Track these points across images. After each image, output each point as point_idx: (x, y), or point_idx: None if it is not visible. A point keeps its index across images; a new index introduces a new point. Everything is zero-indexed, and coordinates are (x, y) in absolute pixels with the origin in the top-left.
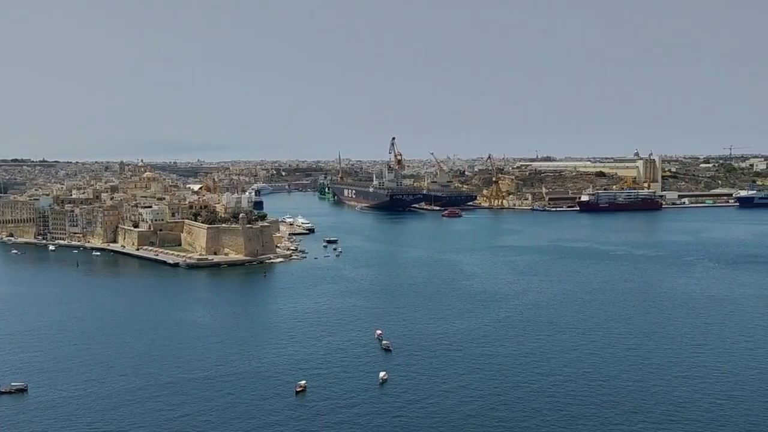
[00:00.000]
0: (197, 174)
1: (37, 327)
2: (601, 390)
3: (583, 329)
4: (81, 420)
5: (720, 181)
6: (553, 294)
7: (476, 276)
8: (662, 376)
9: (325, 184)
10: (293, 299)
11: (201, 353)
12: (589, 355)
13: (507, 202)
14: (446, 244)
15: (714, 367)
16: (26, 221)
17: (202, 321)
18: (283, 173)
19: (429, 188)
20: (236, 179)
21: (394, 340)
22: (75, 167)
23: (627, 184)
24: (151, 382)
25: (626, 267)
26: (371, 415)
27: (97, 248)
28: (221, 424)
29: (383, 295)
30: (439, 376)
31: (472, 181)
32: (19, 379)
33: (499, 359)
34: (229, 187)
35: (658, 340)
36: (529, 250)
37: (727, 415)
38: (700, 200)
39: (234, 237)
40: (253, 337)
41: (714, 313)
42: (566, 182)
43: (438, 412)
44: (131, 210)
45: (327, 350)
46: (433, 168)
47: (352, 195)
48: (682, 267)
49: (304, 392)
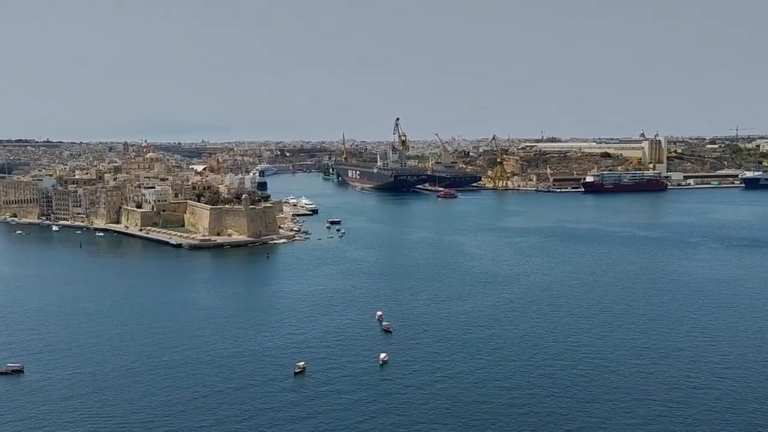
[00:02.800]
0: (201, 155)
1: (36, 308)
2: (603, 373)
3: (586, 311)
4: (76, 401)
5: (726, 162)
6: (555, 276)
7: (479, 257)
8: (665, 359)
9: (329, 165)
10: (295, 280)
11: (201, 334)
12: (591, 337)
13: (511, 183)
14: (449, 225)
15: (718, 349)
16: (30, 202)
17: (204, 302)
18: (288, 154)
19: (433, 169)
20: (240, 160)
21: (395, 321)
22: (79, 148)
23: (632, 165)
24: (150, 362)
25: (630, 248)
26: (371, 397)
27: (101, 229)
28: (219, 405)
29: (385, 277)
30: (440, 358)
31: (477, 162)
32: (16, 360)
33: (500, 341)
34: (233, 167)
35: (661, 323)
36: (533, 231)
37: (732, 396)
38: (706, 181)
39: (237, 218)
40: (254, 318)
41: (718, 294)
42: (571, 163)
43: (438, 393)
44: (134, 191)
45: (327, 331)
46: (438, 149)
47: (356, 176)
48: (687, 248)
49: (302, 373)
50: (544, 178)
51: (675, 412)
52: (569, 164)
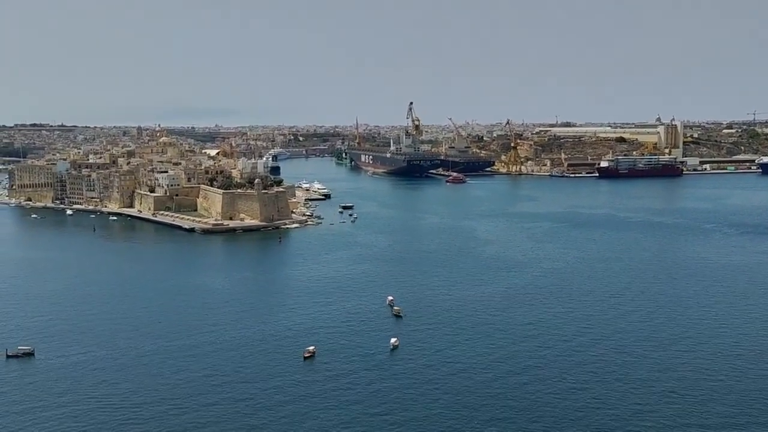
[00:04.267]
0: (215, 139)
1: (49, 292)
2: (612, 360)
3: (598, 298)
4: (86, 384)
5: (743, 147)
6: (568, 262)
7: (491, 243)
8: (677, 346)
9: (342, 150)
10: (307, 265)
11: (212, 318)
12: (601, 324)
13: (525, 168)
14: (462, 210)
15: (732, 337)
16: (44, 186)
17: (215, 286)
18: (301, 138)
19: (446, 154)
20: (253, 144)
21: (406, 306)
22: (93, 132)
23: (648, 150)
24: (160, 346)
25: (644, 234)
26: (381, 382)
27: (114, 213)
28: (229, 389)
29: (396, 262)
30: (451, 343)
31: (491, 146)
32: (27, 343)
33: (511, 327)
34: (246, 152)
35: (674, 309)
36: (546, 216)
37: (744, 385)
38: (722, 166)
39: (249, 202)
40: (265, 303)
41: (733, 281)
42: (586, 148)
43: (449, 378)
44: (147, 175)
45: (337, 316)
46: (451, 133)
47: (369, 160)
48: (702, 235)
49: (312, 358)
50: (558, 163)
51: (684, 398)
52: (584, 149)
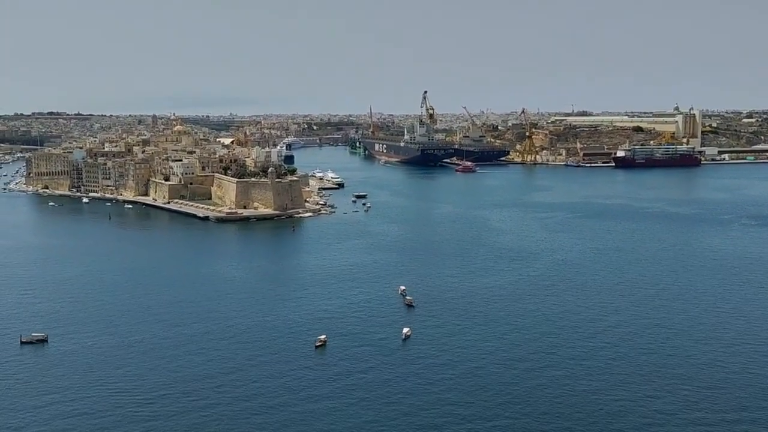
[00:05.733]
0: (229, 128)
1: (64, 279)
2: (632, 354)
3: (614, 290)
4: (99, 370)
5: (763, 137)
6: (582, 252)
7: (504, 233)
8: (691, 338)
9: (356, 139)
10: (320, 254)
11: (224, 306)
12: (618, 317)
13: (540, 158)
14: (476, 200)
15: (746, 330)
16: (61, 174)
17: (229, 274)
18: (315, 127)
19: (461, 143)
20: (267, 133)
21: (418, 296)
22: (109, 120)
23: (665, 140)
24: (174, 334)
25: (660, 225)
26: (393, 372)
27: (129, 201)
28: (239, 377)
29: (409, 251)
30: (463, 334)
31: (506, 135)
32: (41, 329)
33: (524, 317)
34: (260, 140)
35: (690, 302)
36: (561, 206)
37: (757, 380)
38: (741, 156)
39: (263, 191)
40: (277, 291)
41: (750, 273)
42: (602, 137)
43: (461, 370)
44: (162, 163)
45: (349, 305)
46: (466, 122)
47: (383, 149)
48: (719, 226)
49: (324, 347)
50: (573, 152)
51: (695, 390)
52: (600, 138)
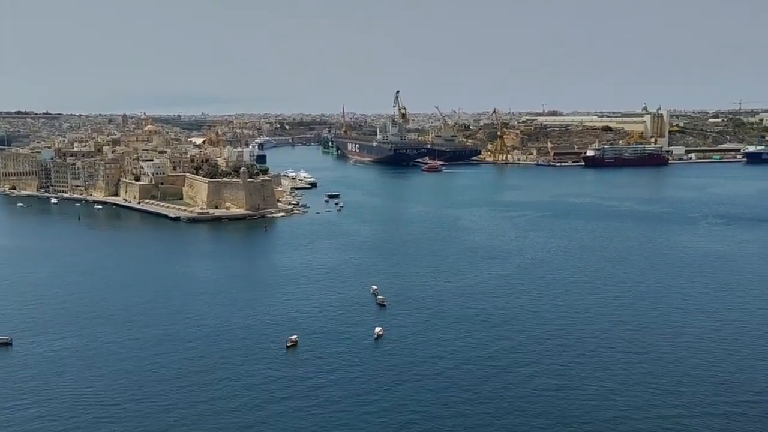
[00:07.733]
0: (201, 127)
1: (31, 280)
2: (599, 352)
3: (583, 288)
4: (65, 373)
5: (728, 137)
6: (552, 251)
7: (475, 232)
8: (656, 335)
9: (328, 138)
10: (292, 254)
11: (195, 307)
12: (587, 315)
13: (512, 157)
14: (448, 199)
15: (712, 327)
16: (29, 174)
17: (200, 275)
18: (287, 127)
19: (433, 143)
20: (240, 133)
21: (390, 295)
22: (79, 120)
23: (634, 139)
24: (141, 335)
25: (629, 224)
26: (364, 371)
27: (99, 201)
28: (209, 378)
29: (381, 251)
30: (435, 332)
31: (477, 135)
32: (5, 332)
33: (494, 316)
34: (232, 140)
35: (655, 299)
36: (532, 205)
37: (725, 376)
38: (708, 156)
39: (235, 191)
40: (249, 292)
41: (717, 270)
42: (572, 137)
43: (433, 367)
44: (132, 163)
45: (321, 305)
46: (438, 122)
47: (356, 149)
48: (686, 224)
49: (295, 347)
50: (544, 152)
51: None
52: (570, 138)
